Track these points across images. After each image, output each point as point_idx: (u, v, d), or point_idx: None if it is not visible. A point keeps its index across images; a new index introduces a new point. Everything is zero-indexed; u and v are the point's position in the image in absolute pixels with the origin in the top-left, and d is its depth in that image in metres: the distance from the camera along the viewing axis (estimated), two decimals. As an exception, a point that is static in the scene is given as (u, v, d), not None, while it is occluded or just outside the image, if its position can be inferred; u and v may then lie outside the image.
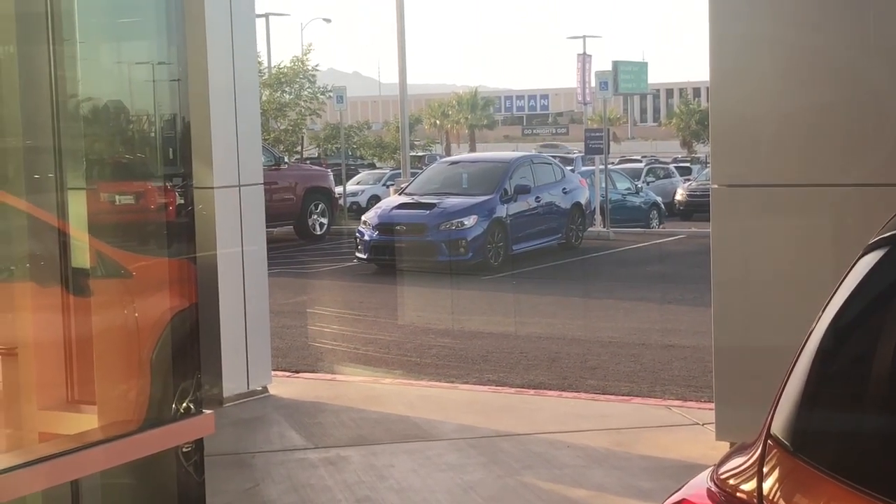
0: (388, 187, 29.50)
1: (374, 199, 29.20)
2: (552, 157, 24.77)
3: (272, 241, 8.12)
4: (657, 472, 5.84)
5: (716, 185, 5.97)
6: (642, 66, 35.87)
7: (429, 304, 14.20)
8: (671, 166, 37.87)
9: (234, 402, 7.44)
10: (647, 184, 30.48)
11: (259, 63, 25.82)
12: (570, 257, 18.62)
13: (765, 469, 1.96)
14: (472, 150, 64.12)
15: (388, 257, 17.17)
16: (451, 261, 16.93)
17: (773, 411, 2.03)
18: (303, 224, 22.14)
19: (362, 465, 6.08)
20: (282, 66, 35.55)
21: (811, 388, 1.99)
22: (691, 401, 7.60)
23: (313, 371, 9.12)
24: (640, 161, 41.01)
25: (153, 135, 4.46)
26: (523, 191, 18.43)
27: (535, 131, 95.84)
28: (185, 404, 3.93)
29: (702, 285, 13.18)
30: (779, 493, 1.94)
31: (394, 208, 17.91)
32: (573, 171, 23.25)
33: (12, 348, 4.07)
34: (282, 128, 34.40)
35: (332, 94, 33.57)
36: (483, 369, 9.29)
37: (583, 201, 20.19)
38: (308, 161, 35.41)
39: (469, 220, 17.16)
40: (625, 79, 31.81)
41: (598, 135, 25.42)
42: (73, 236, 4.19)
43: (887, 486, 1.77)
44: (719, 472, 2.08)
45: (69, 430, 3.82)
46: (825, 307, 2.07)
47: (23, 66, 4.14)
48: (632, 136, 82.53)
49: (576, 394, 8.00)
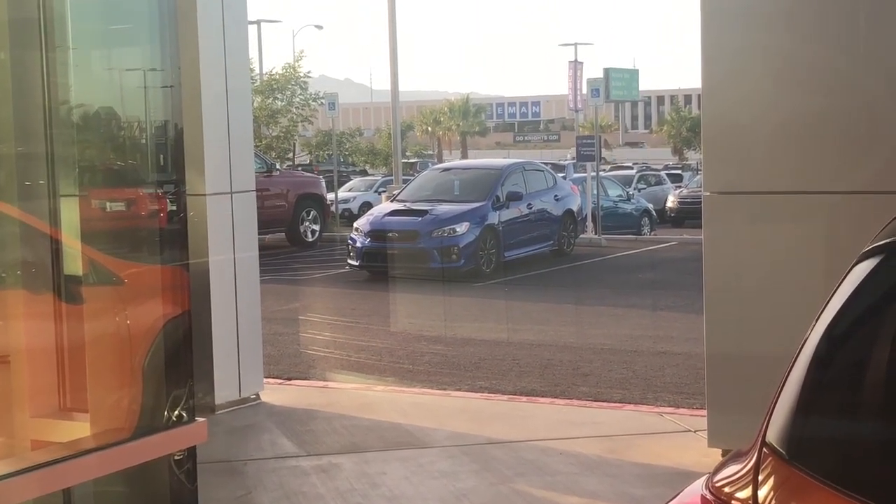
0: (379, 194, 29.50)
1: (366, 205, 29.19)
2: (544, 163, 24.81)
3: (264, 248, 8.11)
4: (650, 479, 5.83)
5: (708, 193, 5.98)
6: (633, 74, 35.97)
7: (421, 311, 14.19)
8: (662, 173, 37.95)
9: (226, 410, 7.42)
10: (639, 191, 30.53)
11: (251, 70, 25.79)
12: (561, 264, 18.64)
13: (760, 477, 1.96)
14: (464, 156, 64.15)
15: (380, 264, 17.17)
16: (443, 267, 16.93)
17: (768, 419, 2.03)
18: (294, 231, 22.12)
19: (354, 473, 6.07)
20: (274, 72, 35.57)
21: (806, 395, 1.99)
22: (683, 408, 7.60)
23: (305, 378, 9.10)
24: (631, 168, 41.08)
25: (145, 141, 4.45)
26: (515, 198, 18.45)
27: (526, 138, 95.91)
28: (177, 412, 3.92)
29: (693, 292, 13.21)
30: (774, 501, 1.94)
31: (386, 215, 17.91)
32: (565, 177, 23.27)
33: (4, 356, 4.06)
34: (273, 134, 34.42)
35: (324, 100, 33.61)
36: (475, 376, 9.28)
37: (574, 208, 20.22)
38: (300, 168, 35.41)
39: (461, 227, 17.17)
40: (616, 86, 31.90)
41: (589, 142, 25.47)
42: (65, 243, 4.18)
43: (883, 493, 1.77)
44: (714, 480, 2.07)
45: (61, 438, 3.80)
46: (820, 314, 2.07)
47: (15, 72, 4.13)
48: (623, 143, 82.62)
49: (568, 401, 8.00)
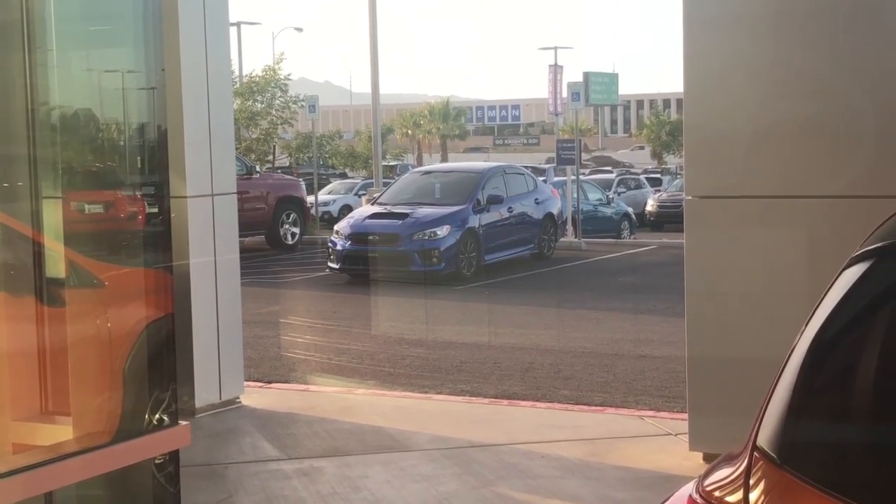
0: (359, 197, 29.45)
1: (346, 208, 29.15)
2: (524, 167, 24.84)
3: (243, 251, 8.09)
4: (632, 482, 5.85)
5: (690, 197, 6.00)
6: (613, 78, 36.13)
7: (402, 315, 14.18)
8: (642, 177, 38.05)
9: (206, 413, 7.39)
10: (618, 194, 30.59)
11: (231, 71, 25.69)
12: (542, 268, 18.66)
13: (751, 481, 1.96)
14: (444, 160, 64.16)
15: (360, 267, 17.14)
16: (423, 271, 16.93)
17: (759, 423, 2.04)
18: (274, 233, 22.06)
19: (336, 477, 6.05)
20: (254, 74, 35.48)
21: (797, 399, 1.99)
22: (664, 411, 7.62)
23: (286, 381, 9.08)
24: (610, 172, 41.19)
25: (123, 143, 4.43)
26: (496, 201, 18.47)
27: (506, 142, 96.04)
28: (160, 415, 3.90)
29: (673, 296, 13.24)
30: None
31: (366, 218, 17.89)
32: (545, 181, 23.31)
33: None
34: (253, 137, 34.31)
35: (304, 103, 33.54)
36: (457, 380, 9.28)
37: (555, 212, 20.26)
38: (279, 170, 35.33)
39: (442, 231, 17.17)
40: (596, 90, 32.01)
41: (570, 145, 25.51)
42: (45, 245, 4.15)
43: (874, 497, 1.78)
44: (704, 484, 2.07)
45: (43, 442, 3.77)
46: (810, 318, 2.08)
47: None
48: (602, 148, 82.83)
49: (549, 404, 8.01)
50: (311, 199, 26.92)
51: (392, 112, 79.70)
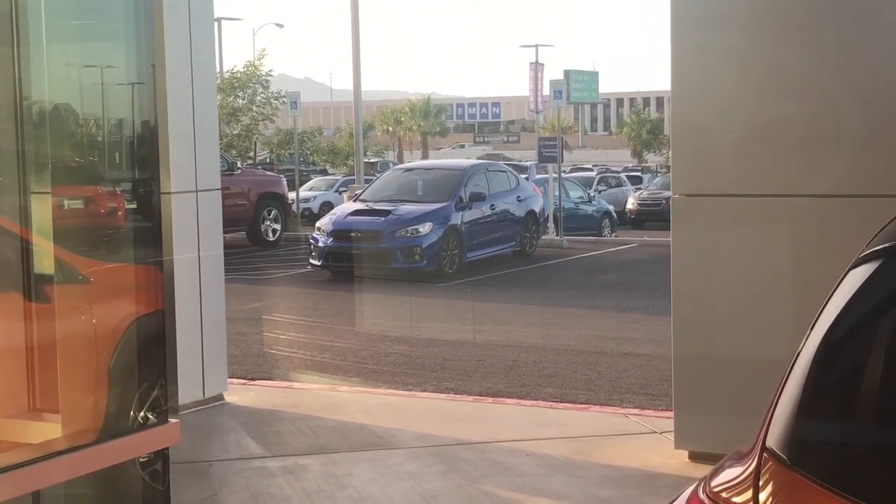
0: (340, 193, 29.41)
1: (327, 205, 29.10)
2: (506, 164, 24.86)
3: (224, 247, 8.04)
4: (617, 480, 5.85)
5: (676, 195, 6.00)
6: (593, 76, 36.13)
7: (384, 312, 14.15)
8: (622, 175, 38.13)
9: (189, 410, 7.35)
10: (599, 192, 30.65)
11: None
12: (524, 265, 18.68)
13: (760, 482, 1.95)
14: (425, 156, 64.13)
15: (342, 264, 17.11)
16: (405, 268, 16.91)
17: (768, 424, 2.03)
18: (255, 230, 22.00)
19: (321, 474, 6.03)
20: (235, 70, 35.36)
21: (807, 400, 1.99)
22: (649, 409, 7.63)
23: (269, 378, 9.05)
24: (591, 170, 41.25)
25: (113, 139, 4.39)
26: (478, 198, 18.47)
27: (486, 139, 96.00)
28: (150, 413, 3.87)
29: (656, 293, 13.29)
30: None
31: (348, 215, 17.85)
32: (527, 179, 23.33)
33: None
34: (235, 133, 34.21)
35: (285, 99, 33.44)
36: (441, 377, 9.27)
37: (537, 209, 20.28)
38: (260, 167, 35.23)
39: (424, 228, 17.15)
40: (576, 88, 32.02)
41: (551, 143, 25.54)
42: (31, 241, 4.12)
43: (887, 499, 1.77)
44: (711, 485, 2.06)
45: (30, 440, 3.74)
46: (818, 318, 2.07)
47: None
48: (583, 146, 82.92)
49: (534, 402, 8.01)
50: (291, 195, 26.85)
51: (373, 109, 79.57)
